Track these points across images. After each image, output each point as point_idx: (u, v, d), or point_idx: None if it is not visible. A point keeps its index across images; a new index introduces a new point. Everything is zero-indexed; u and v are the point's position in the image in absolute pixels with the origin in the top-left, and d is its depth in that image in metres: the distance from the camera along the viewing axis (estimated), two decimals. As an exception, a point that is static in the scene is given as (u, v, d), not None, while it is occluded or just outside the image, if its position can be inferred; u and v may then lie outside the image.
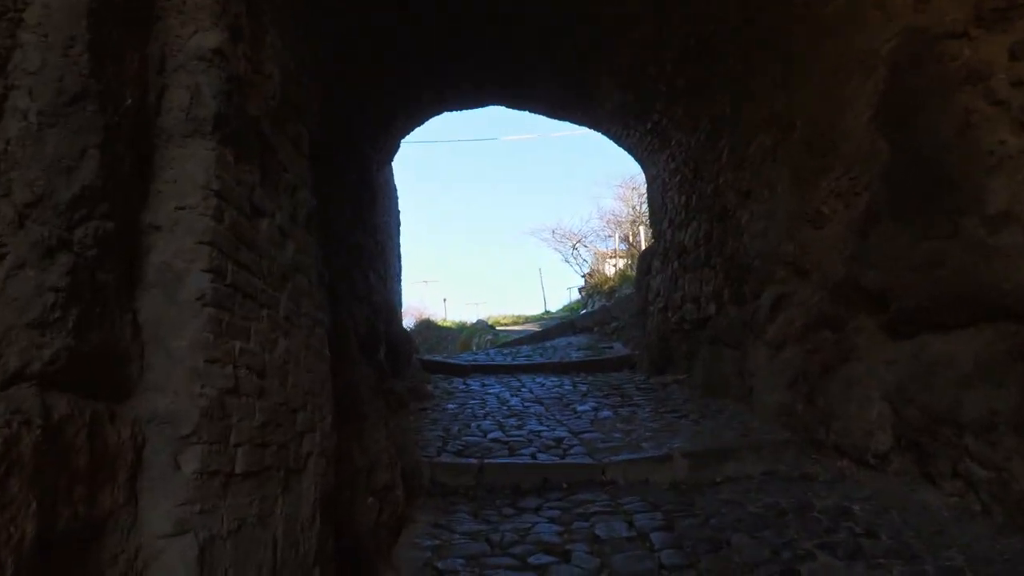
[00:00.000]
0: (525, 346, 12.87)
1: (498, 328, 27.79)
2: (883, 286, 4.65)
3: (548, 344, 12.59)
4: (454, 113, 10.78)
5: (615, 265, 27.25)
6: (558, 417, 6.46)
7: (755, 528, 3.73)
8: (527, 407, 7.04)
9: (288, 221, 2.54)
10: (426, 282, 39.14)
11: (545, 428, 5.97)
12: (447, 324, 33.46)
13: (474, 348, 23.94)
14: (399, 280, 13.50)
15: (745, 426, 5.59)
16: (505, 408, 7.04)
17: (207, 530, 1.77)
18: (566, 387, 8.37)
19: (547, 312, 35.81)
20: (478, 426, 6.13)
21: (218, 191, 1.96)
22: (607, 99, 8.75)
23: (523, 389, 8.27)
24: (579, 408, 6.89)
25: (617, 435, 5.63)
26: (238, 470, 1.98)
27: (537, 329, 27.58)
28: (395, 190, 15.04)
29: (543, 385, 8.57)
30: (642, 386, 8.13)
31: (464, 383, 9.02)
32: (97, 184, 1.55)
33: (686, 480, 4.69)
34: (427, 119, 9.84)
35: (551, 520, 4.02)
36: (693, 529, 3.78)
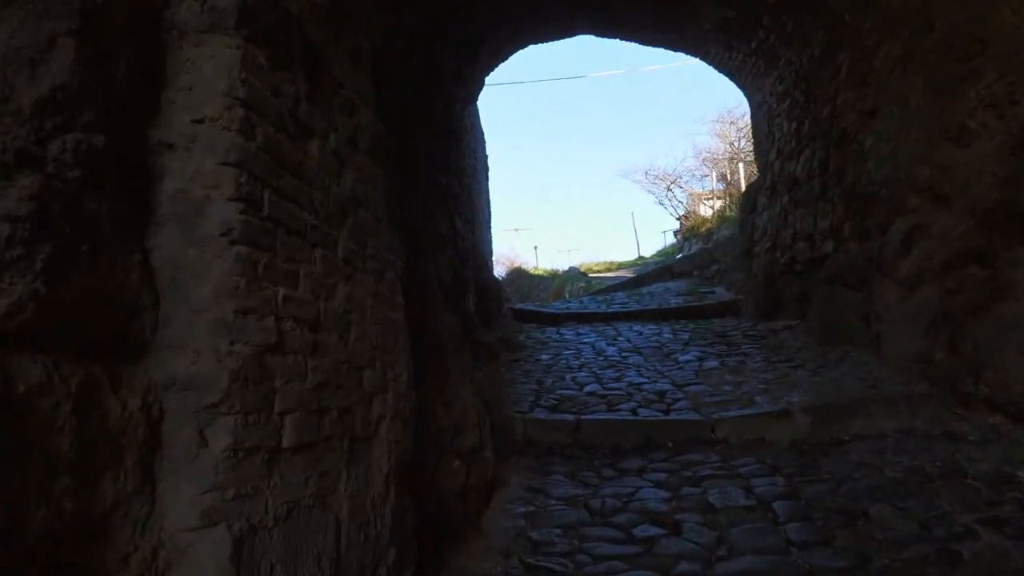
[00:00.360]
0: (619, 293, 12.37)
1: (591, 275, 27.30)
2: (1051, 210, 3.91)
3: (644, 290, 12.04)
4: (540, 48, 10.23)
5: (712, 206, 26.06)
6: (659, 368, 6.03)
7: (897, 497, 3.22)
8: (625, 357, 6.64)
9: (346, 146, 2.21)
10: (517, 230, 38.84)
11: (646, 380, 5.56)
12: (539, 272, 33.21)
13: (567, 296, 23.61)
14: (488, 227, 13.23)
15: (873, 376, 4.98)
16: (601, 358, 6.66)
17: (245, 519, 1.49)
18: (665, 335, 7.88)
19: (641, 258, 34.91)
20: (573, 378, 5.78)
21: (245, 100, 1.62)
22: (705, 17, 7.96)
23: (619, 338, 7.86)
24: (681, 358, 6.42)
25: (726, 388, 5.15)
26: (286, 443, 1.69)
27: (631, 275, 26.91)
28: (482, 133, 14.66)
29: (640, 334, 8.11)
30: (749, 333, 7.54)
31: (557, 332, 8.69)
32: (73, 84, 1.23)
33: (808, 438, 4.19)
34: (512, 52, 9.32)
35: (657, 484, 3.64)
36: (822, 497, 3.31)
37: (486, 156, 16.10)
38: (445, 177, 7.18)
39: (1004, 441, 3.83)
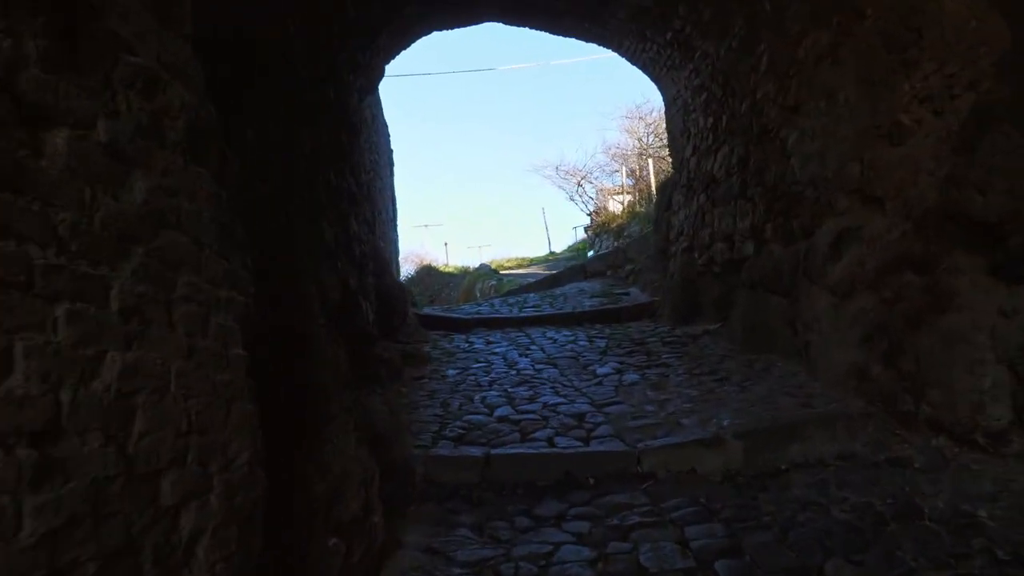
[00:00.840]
0: (532, 294, 11.90)
1: (502, 272, 26.87)
2: (997, 214, 3.61)
3: (557, 291, 11.60)
4: (449, 39, 9.57)
5: (622, 202, 26.12)
6: (576, 384, 5.53)
7: (852, 548, 2.80)
8: (539, 371, 6.11)
9: (138, 138, 1.52)
10: (426, 226, 37.91)
11: (562, 400, 5.04)
12: (449, 269, 32.52)
13: (477, 295, 23.07)
14: (393, 225, 12.45)
15: (804, 391, 4.64)
16: (514, 373, 6.10)
17: None
18: (581, 343, 7.42)
19: (552, 253, 34.80)
20: (483, 399, 5.20)
21: None
22: (621, 4, 7.53)
23: (532, 347, 7.33)
24: (599, 370, 5.94)
25: (649, 407, 4.69)
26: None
27: (543, 272, 26.60)
28: (385, 126, 13.85)
29: (555, 341, 7.63)
30: (668, 339, 7.18)
31: (467, 341, 8.08)
32: None
33: (743, 469, 3.76)
34: (416, 38, 8.61)
35: (579, 539, 3.10)
36: (769, 550, 2.85)
37: (391, 150, 15.27)
38: (339, 176, 6.45)
39: (953, 468, 3.50)
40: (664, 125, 26.32)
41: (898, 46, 4.28)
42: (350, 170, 6.92)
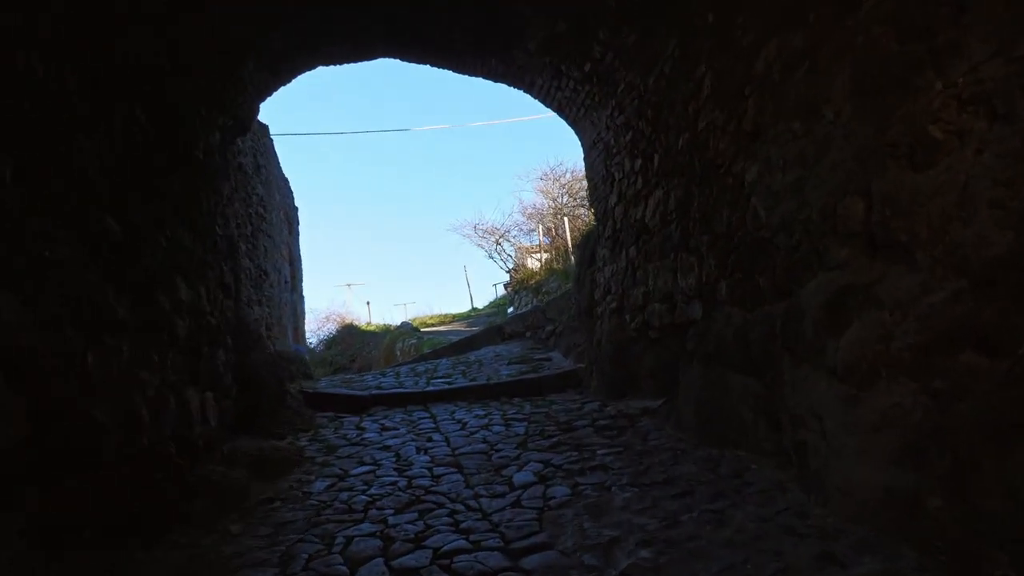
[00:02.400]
0: (445, 359, 10.01)
1: (424, 330, 24.86)
2: None
3: (472, 356, 9.76)
4: (361, 99, 7.87)
5: (540, 259, 24.78)
6: (484, 505, 3.67)
7: None
8: (438, 479, 4.22)
9: None
10: (349, 285, 35.60)
11: (463, 541, 3.16)
12: (371, 328, 30.18)
13: (398, 354, 20.98)
14: (285, 286, 10.40)
15: (815, 528, 2.93)
16: (403, 482, 4.20)
17: None
18: (496, 427, 5.58)
19: (474, 309, 33.03)
20: (347, 541, 3.26)
21: None
22: (532, 34, 6.00)
23: (436, 435, 5.44)
24: (517, 478, 4.11)
25: (590, 559, 2.87)
26: None
27: (464, 328, 24.69)
28: (285, 180, 11.85)
29: (464, 425, 5.76)
30: (601, 421, 5.43)
31: (359, 427, 6.12)
32: None
33: None
34: (295, 71, 6.82)
35: None
36: None
37: (294, 207, 13.23)
38: (189, 233, 4.51)
39: None
40: (580, 183, 25.26)
41: (922, 31, 2.78)
42: (206, 226, 4.99)
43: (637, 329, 6.03)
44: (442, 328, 25.38)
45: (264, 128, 9.55)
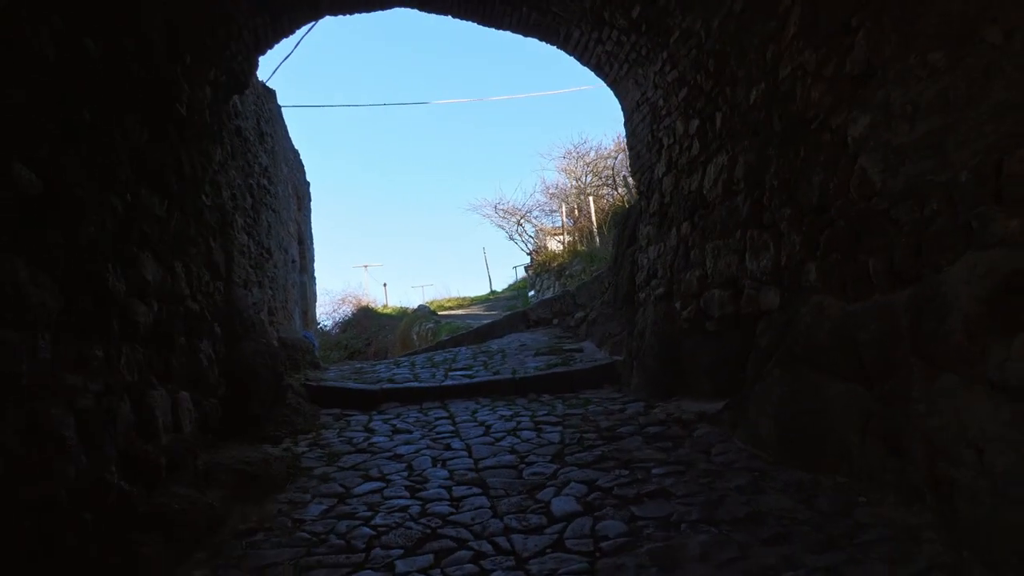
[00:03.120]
0: (465, 347, 9.25)
1: (441, 313, 24.18)
2: None
3: (494, 345, 8.96)
4: (381, 72, 7.06)
5: (562, 241, 23.94)
6: (518, 545, 2.89)
7: None
8: (457, 504, 3.46)
9: None
10: (366, 266, 34.83)
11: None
12: (388, 311, 29.54)
13: (415, 338, 20.33)
14: (292, 266, 9.67)
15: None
16: (416, 508, 3.44)
17: None
18: (524, 433, 4.81)
19: (493, 292, 32.24)
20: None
21: None
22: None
23: (455, 443, 4.68)
24: (556, 505, 3.33)
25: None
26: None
27: (483, 312, 23.94)
28: (295, 153, 11.11)
29: (488, 430, 4.99)
30: (650, 428, 4.63)
31: (366, 429, 5.38)
32: None
33: None
34: (297, 22, 6.00)
35: None
36: None
37: (305, 182, 12.47)
38: (162, 199, 3.76)
39: None
40: (605, 161, 24.21)
41: None
42: (164, 186, 4.21)
43: (690, 319, 5.20)
44: (460, 312, 24.66)
45: (270, 93, 8.78)
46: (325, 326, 28.04)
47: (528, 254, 26.16)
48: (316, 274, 13.30)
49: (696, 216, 5.12)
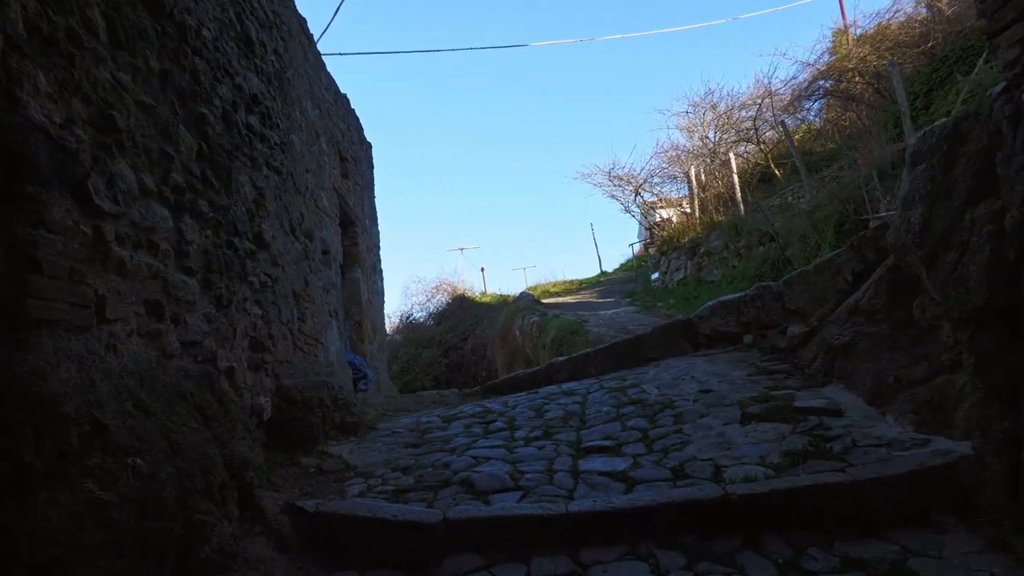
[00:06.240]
0: (591, 382, 5.78)
1: (546, 301, 20.89)
2: None
3: (651, 389, 5.25)
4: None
5: (687, 212, 19.99)
6: None
7: None
8: None
9: None
10: (462, 250, 32.15)
11: None
12: (486, 299, 26.55)
13: (517, 335, 17.20)
14: (325, 260, 6.57)
15: None
16: None
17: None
18: None
19: (604, 273, 28.61)
20: None
21: None
22: None
23: None
24: None
25: None
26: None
27: (596, 300, 20.33)
28: (323, 85, 7.89)
29: None
30: None
31: None
32: None
33: None
34: None
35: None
36: None
37: (363, 143, 9.30)
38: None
39: None
40: (739, 112, 19.84)
41: None
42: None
43: None
44: (568, 300, 21.26)
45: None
46: (418, 319, 25.53)
47: (647, 228, 22.33)
48: (385, 267, 10.25)
49: None
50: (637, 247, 26.78)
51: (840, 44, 19.93)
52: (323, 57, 7.61)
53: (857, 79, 16.62)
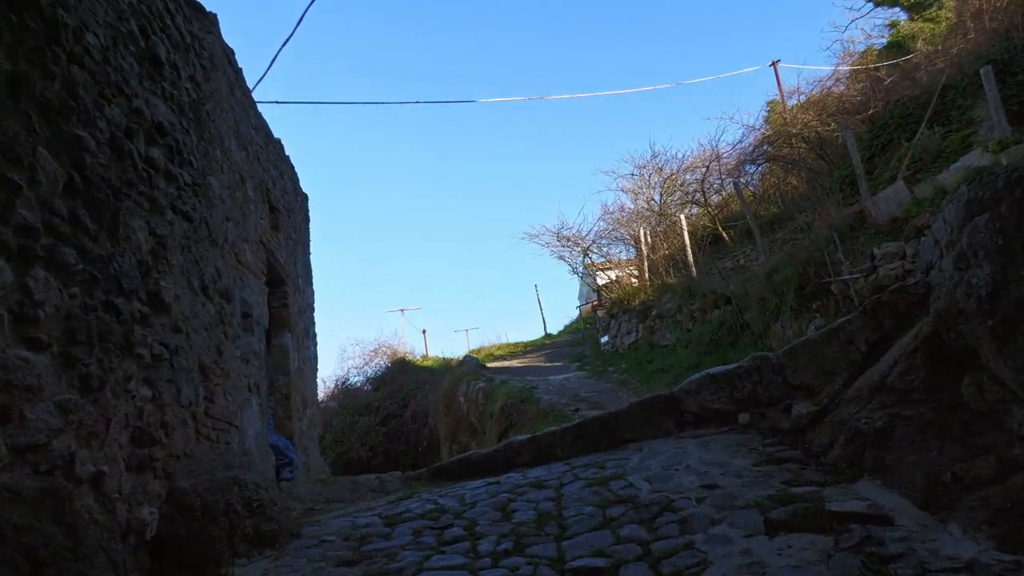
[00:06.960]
0: (568, 471, 4.90)
1: (491, 365, 20.01)
2: None
3: (641, 485, 4.29)
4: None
5: (636, 275, 19.66)
6: None
7: None
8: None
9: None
10: (402, 311, 31.03)
11: None
12: (427, 362, 25.39)
13: (462, 403, 16.18)
14: (246, 324, 5.58)
15: None
16: None
17: None
18: None
19: (549, 336, 27.95)
20: None
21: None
22: None
23: None
24: None
25: None
26: None
27: (542, 364, 19.58)
28: (253, 127, 6.95)
29: None
30: None
31: None
32: None
33: None
34: None
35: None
36: None
37: (299, 194, 8.31)
38: None
39: None
40: (685, 176, 19.84)
41: None
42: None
43: None
44: (515, 363, 20.43)
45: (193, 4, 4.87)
46: (354, 384, 24.11)
47: (595, 290, 21.88)
48: (320, 330, 9.24)
49: None
50: (583, 308, 26.33)
51: (776, 114, 20.45)
52: (260, 105, 6.82)
53: (800, 145, 16.85)
